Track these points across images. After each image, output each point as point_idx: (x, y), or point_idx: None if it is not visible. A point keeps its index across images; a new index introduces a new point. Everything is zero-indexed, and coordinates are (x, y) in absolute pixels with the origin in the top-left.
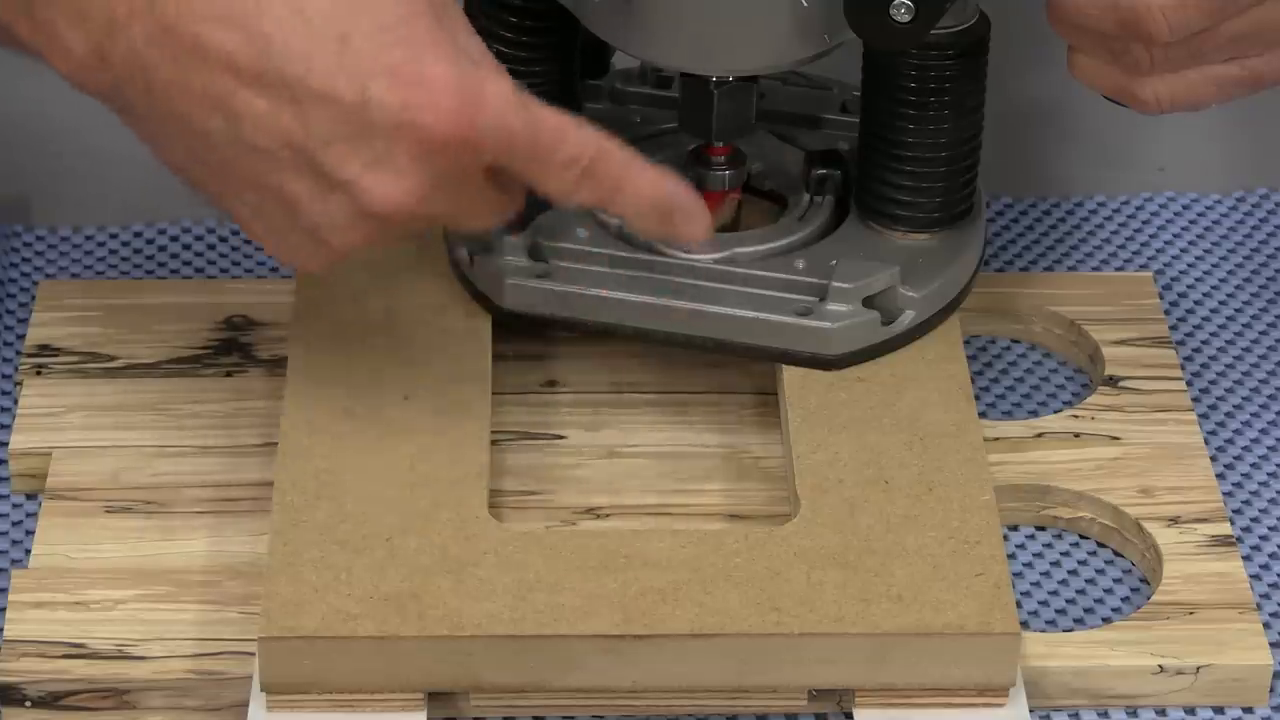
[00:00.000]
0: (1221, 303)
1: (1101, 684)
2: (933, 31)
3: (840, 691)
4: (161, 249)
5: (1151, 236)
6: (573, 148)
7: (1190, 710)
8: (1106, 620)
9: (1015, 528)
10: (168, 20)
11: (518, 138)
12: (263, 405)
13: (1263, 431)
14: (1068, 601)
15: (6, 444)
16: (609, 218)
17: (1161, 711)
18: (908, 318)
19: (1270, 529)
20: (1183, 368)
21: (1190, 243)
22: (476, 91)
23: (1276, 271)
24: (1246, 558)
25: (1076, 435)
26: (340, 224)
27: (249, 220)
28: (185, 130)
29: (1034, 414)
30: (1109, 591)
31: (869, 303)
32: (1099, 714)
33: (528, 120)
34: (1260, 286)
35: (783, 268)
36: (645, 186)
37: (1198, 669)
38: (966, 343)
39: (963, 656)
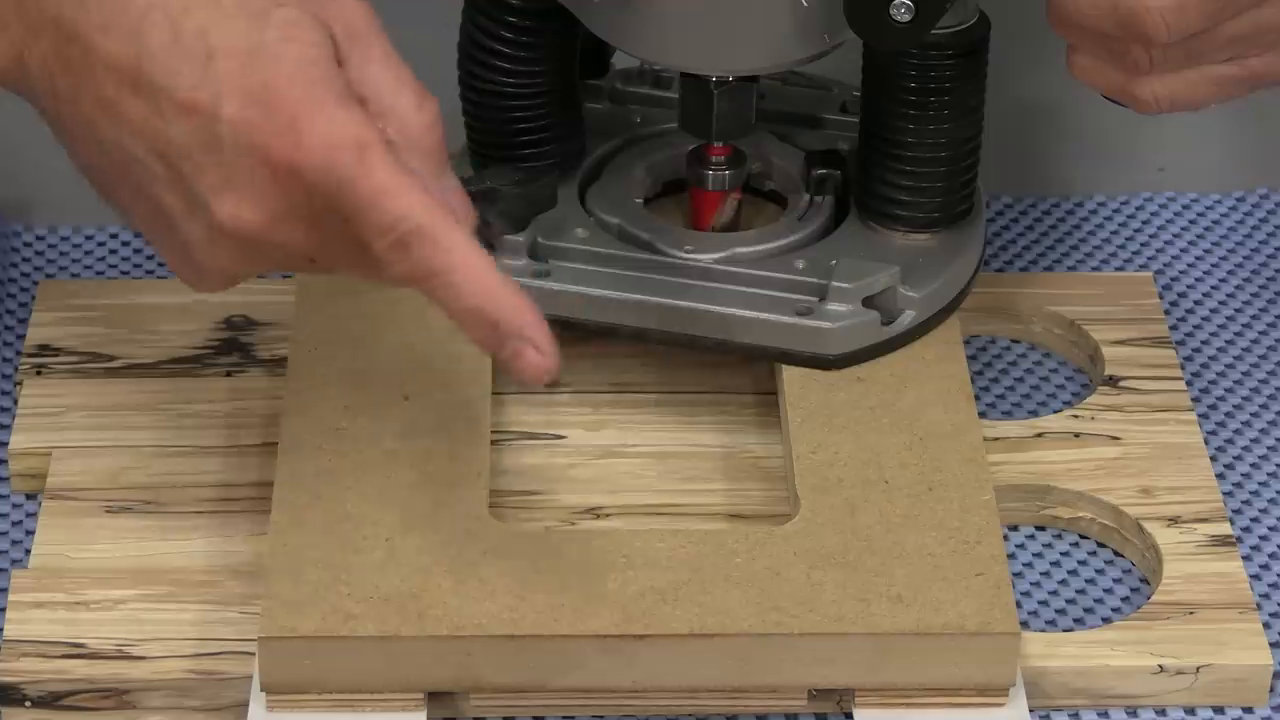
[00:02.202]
0: (1221, 303)
1: (1101, 684)
2: (933, 31)
3: (840, 691)
4: None
5: (1151, 236)
6: (390, 212)
7: (1190, 710)
8: (1106, 620)
9: (1015, 528)
10: (66, 29)
11: (339, 182)
12: (263, 405)
13: (1263, 431)
14: (1068, 601)
15: (6, 444)
16: (609, 218)
17: (1161, 711)
18: (908, 318)
19: (1270, 529)
20: (1183, 368)
21: (1190, 243)
22: (313, 122)
23: (1276, 271)
24: (1246, 558)
25: (1076, 435)
26: (202, 241)
27: (144, 228)
28: (84, 136)
29: (1034, 414)
30: (1109, 591)
31: (869, 303)
32: (1099, 714)
33: (357, 167)
34: (1260, 286)
35: (783, 268)
36: (471, 286)
37: (1198, 669)
38: (966, 343)
39: (963, 656)
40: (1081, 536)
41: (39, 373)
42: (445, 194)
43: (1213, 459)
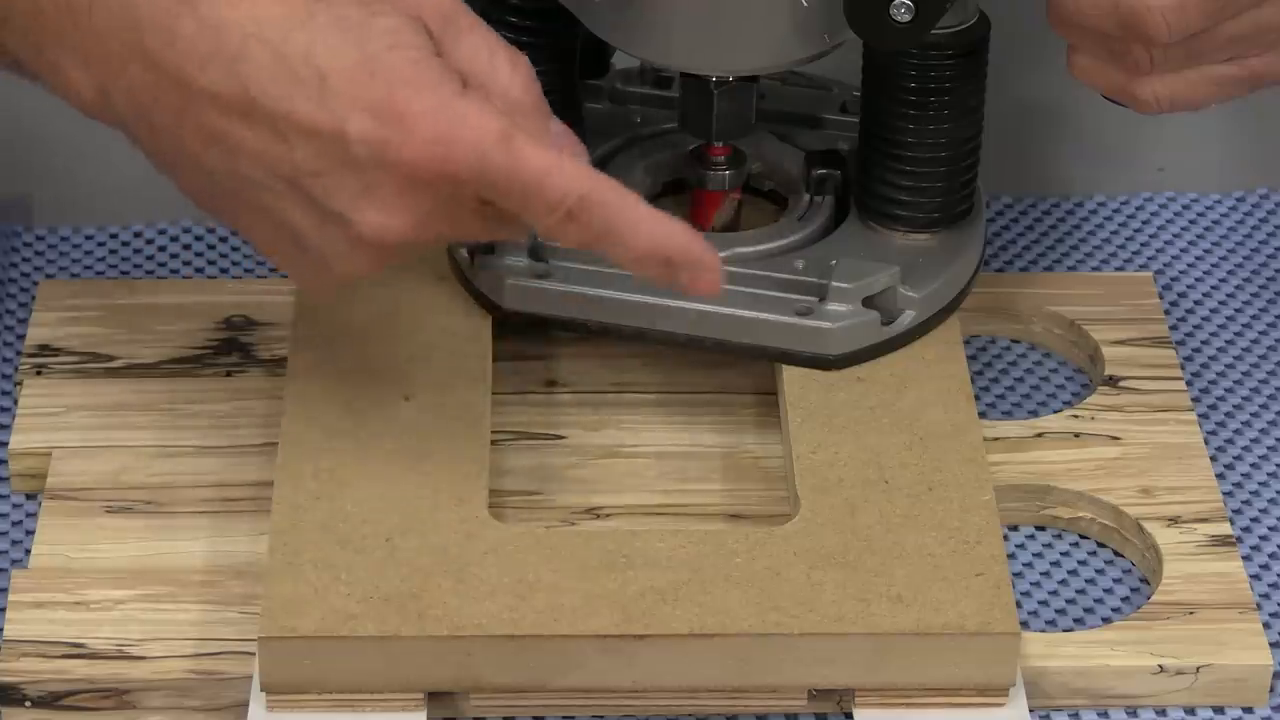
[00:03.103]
0: (1221, 303)
1: (1101, 684)
2: (933, 31)
3: (840, 691)
4: (161, 249)
5: (1151, 236)
6: (555, 190)
7: (1190, 710)
8: (1106, 620)
9: (1015, 528)
10: (157, 63)
11: (497, 175)
12: (263, 405)
13: (1263, 431)
14: (1068, 601)
15: (6, 444)
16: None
17: (1161, 711)
18: (908, 318)
19: (1270, 529)
20: (1183, 368)
21: (1190, 243)
22: (455, 127)
23: (1276, 271)
24: (1246, 558)
25: (1076, 435)
26: (341, 252)
27: (265, 246)
28: (190, 165)
29: (1034, 414)
30: (1109, 591)
31: (869, 303)
32: (1099, 714)
33: (508, 157)
34: (1260, 286)
35: (783, 268)
36: (641, 233)
37: (1198, 669)
38: (966, 343)
39: (963, 656)
40: (1081, 536)
41: (39, 373)
42: (560, 140)
43: (1213, 459)
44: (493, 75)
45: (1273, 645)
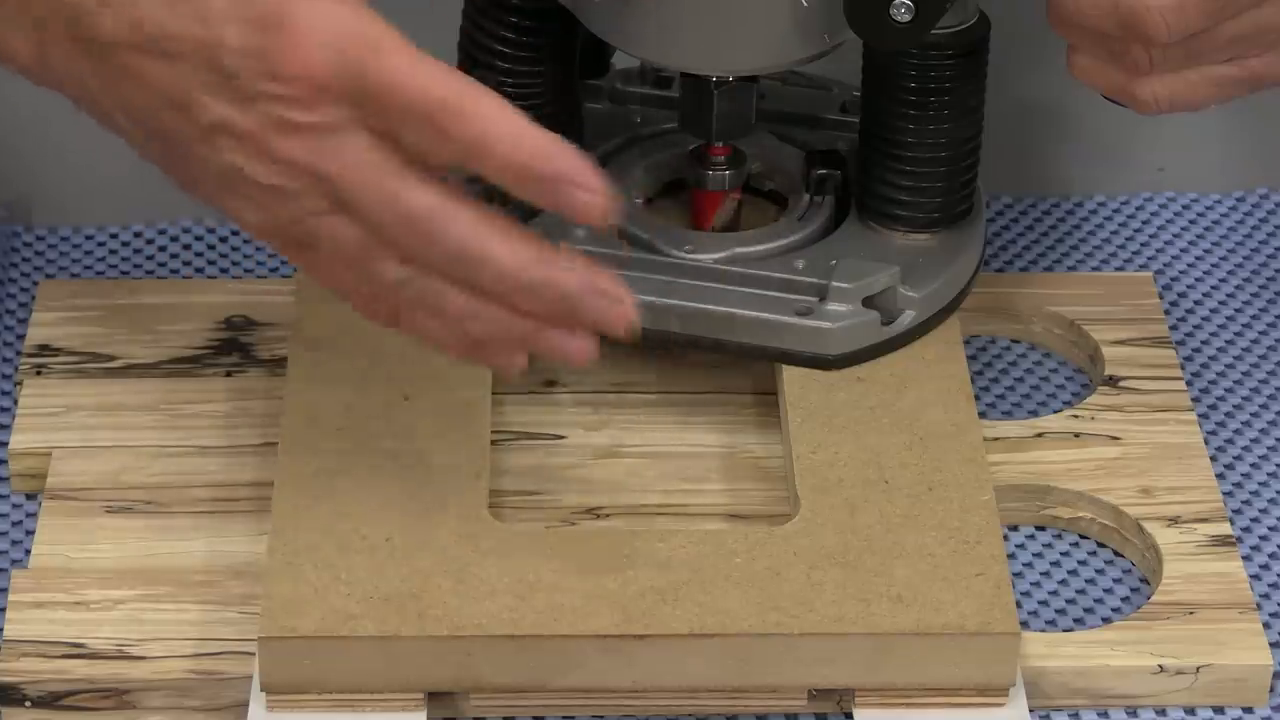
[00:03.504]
0: (1221, 303)
1: (1101, 684)
2: (933, 31)
3: (840, 691)
4: (161, 249)
5: (1151, 236)
6: (417, 93)
7: (1190, 710)
8: (1106, 620)
9: (1015, 528)
10: (61, 17)
11: (356, 74)
12: (263, 405)
13: (1263, 431)
14: (1068, 601)
15: (6, 444)
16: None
17: (1161, 711)
18: (908, 318)
19: (1270, 529)
20: (1183, 368)
21: (1190, 243)
22: (312, 24)
23: (1276, 271)
24: (1246, 558)
25: (1076, 435)
26: (271, 135)
27: (208, 183)
28: (121, 114)
29: (1034, 414)
30: (1109, 591)
31: (869, 303)
32: (1099, 714)
33: (371, 59)
34: (1260, 286)
35: (783, 268)
36: (507, 142)
37: (1198, 669)
38: (966, 343)
39: (963, 656)
40: (1081, 536)
41: (39, 373)
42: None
43: (1213, 459)
44: None
45: (1273, 645)
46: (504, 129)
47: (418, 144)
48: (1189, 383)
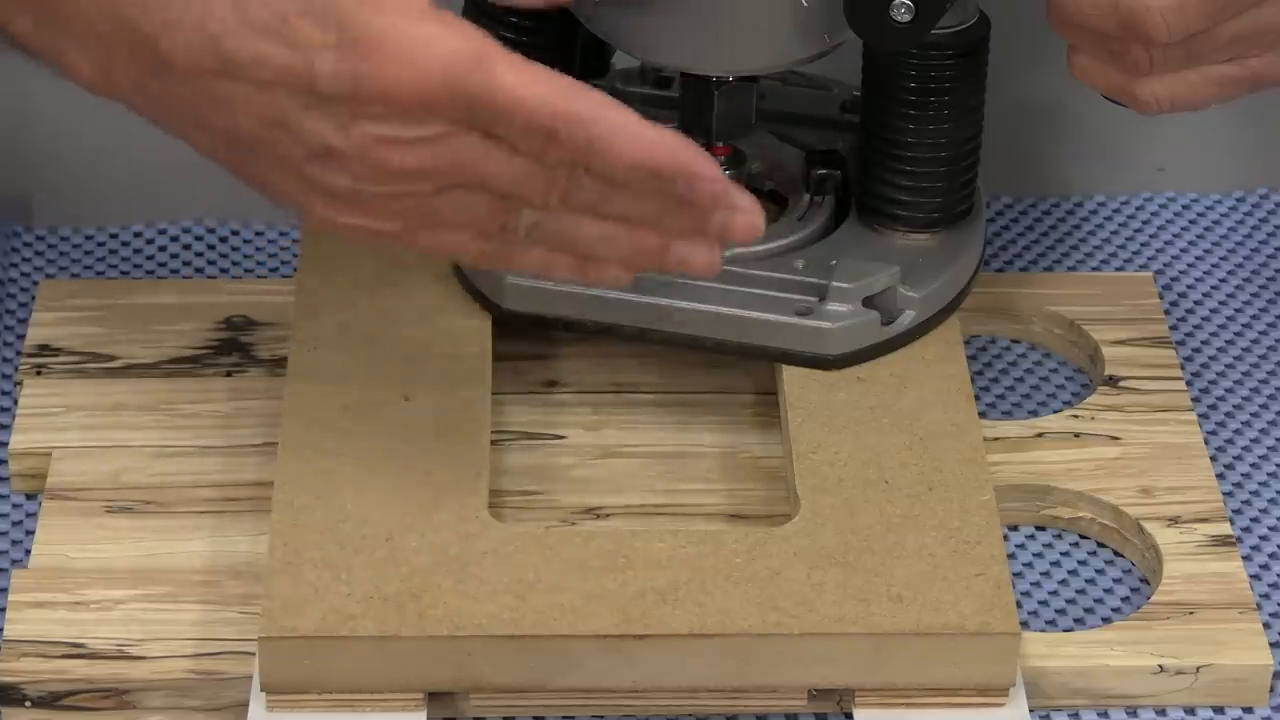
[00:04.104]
0: (1221, 303)
1: (1101, 684)
2: (933, 31)
3: (840, 691)
4: (161, 249)
5: (1151, 236)
6: (529, 105)
7: (1190, 710)
8: (1106, 620)
9: (1015, 528)
10: (133, 35)
11: (469, 95)
12: (263, 405)
13: (1263, 431)
14: (1068, 601)
15: (6, 444)
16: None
17: (1161, 711)
18: (908, 318)
19: (1270, 529)
20: (1183, 368)
21: (1190, 243)
22: (419, 52)
23: (1276, 271)
24: (1246, 558)
25: (1076, 435)
26: (345, 185)
27: (288, 194)
28: (195, 127)
29: (1034, 414)
30: (1109, 591)
31: (869, 303)
32: (1099, 714)
33: (482, 78)
34: (1260, 286)
35: (783, 268)
36: (625, 141)
37: (1198, 669)
38: (966, 343)
39: (962, 656)
40: (1081, 536)
41: (39, 373)
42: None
43: (1213, 459)
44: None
45: (1273, 645)
46: (622, 128)
47: (535, 151)
48: (1189, 383)
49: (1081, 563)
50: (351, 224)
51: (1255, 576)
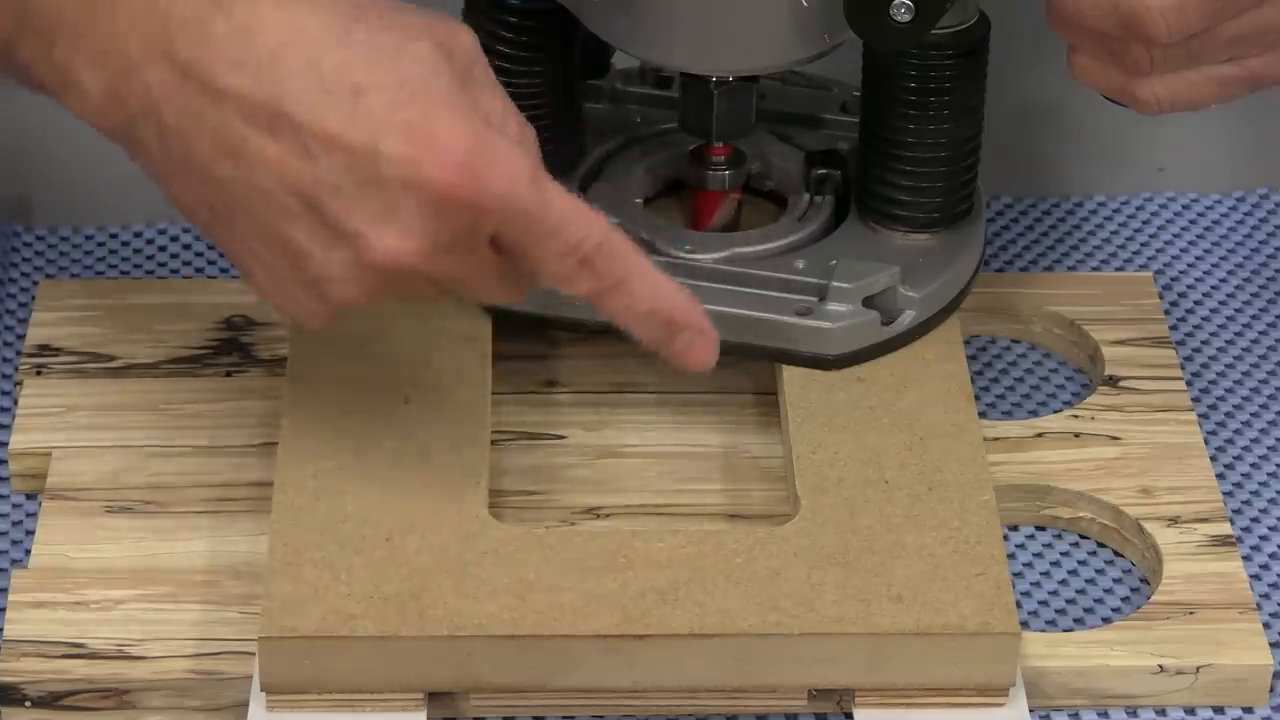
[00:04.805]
0: (1221, 303)
1: (1101, 684)
2: (933, 31)
3: (840, 691)
4: (161, 249)
5: (1151, 236)
6: (576, 233)
7: (1190, 710)
8: (1106, 620)
9: (1015, 528)
10: (183, 62)
11: (522, 210)
12: (263, 405)
13: (1263, 431)
14: (1068, 601)
15: (6, 444)
16: (609, 217)
17: (1161, 711)
18: (908, 318)
19: (1270, 529)
20: (1183, 368)
21: (1190, 243)
22: (488, 155)
23: (1276, 271)
24: (1246, 558)
25: (1076, 435)
26: (342, 276)
27: (252, 268)
28: (196, 173)
29: (1034, 414)
30: (1109, 591)
31: (869, 303)
32: (1099, 714)
33: (536, 195)
34: (1260, 286)
35: (783, 268)
36: (648, 294)
37: (1198, 669)
38: (966, 343)
39: (962, 656)
40: (1081, 536)
41: (39, 373)
42: None
43: (1213, 459)
44: (505, 129)
45: (1273, 645)
46: (655, 279)
47: (563, 273)
48: (1189, 383)
49: (1081, 563)
50: (310, 309)
51: (1255, 576)
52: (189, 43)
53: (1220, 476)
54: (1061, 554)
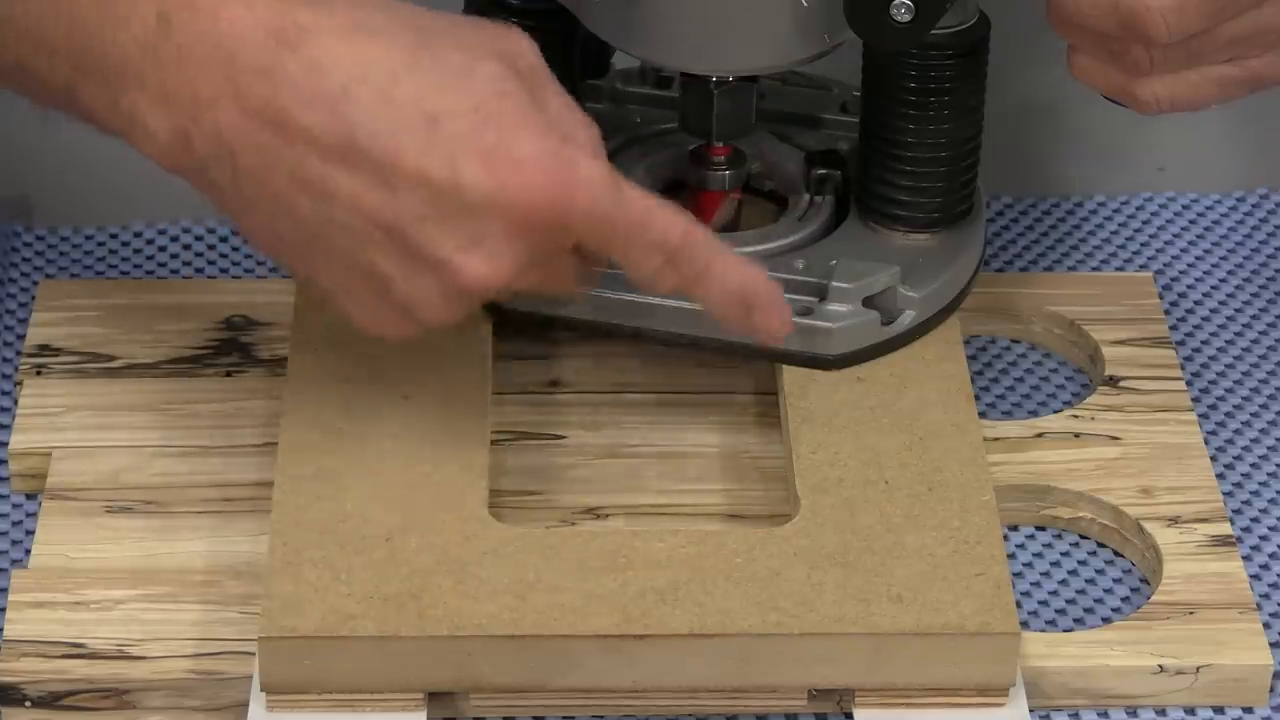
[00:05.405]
0: (1221, 303)
1: (1101, 684)
2: (933, 31)
3: (840, 691)
4: (161, 249)
5: (1151, 236)
6: (660, 231)
7: (1190, 710)
8: (1106, 620)
9: (1015, 528)
10: (253, 103)
11: (608, 219)
12: (263, 405)
13: (1263, 431)
14: (1068, 601)
15: (6, 444)
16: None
17: (1161, 711)
18: (908, 318)
19: (1270, 529)
20: (1183, 368)
21: (1190, 243)
22: (570, 173)
23: (1276, 271)
24: (1246, 558)
25: (1076, 435)
26: (431, 301)
27: (340, 295)
28: (273, 210)
29: (1034, 414)
30: (1109, 591)
31: (869, 303)
32: (1099, 714)
33: (618, 201)
34: (1260, 286)
35: (783, 268)
36: (730, 276)
37: (1198, 669)
38: (966, 343)
39: (962, 656)
40: (1081, 536)
41: (39, 373)
42: None
43: (1213, 459)
44: (576, 136)
45: (1273, 645)
46: (731, 262)
47: (649, 268)
48: (1189, 383)
49: (1081, 563)
50: (402, 330)
51: (1255, 576)
52: (258, 83)
53: (1220, 476)
54: (1061, 554)
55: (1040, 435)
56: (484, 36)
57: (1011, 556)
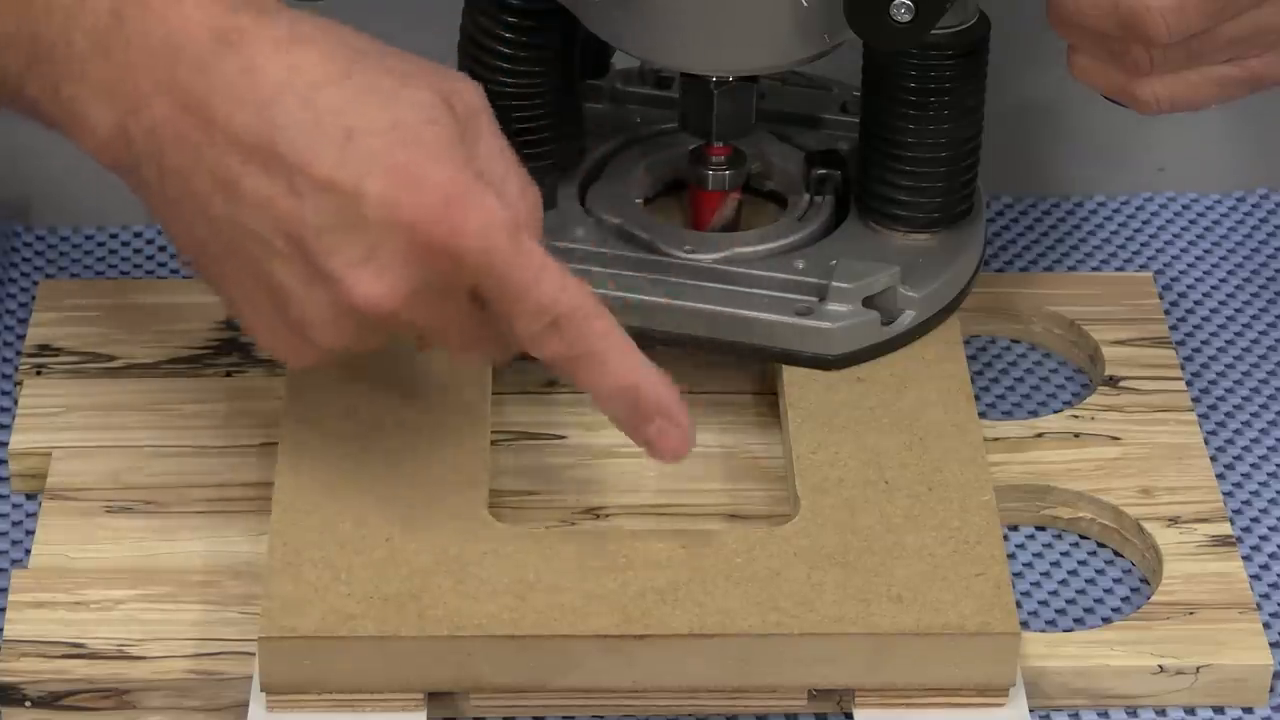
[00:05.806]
0: (1221, 303)
1: (1101, 684)
2: (933, 31)
3: (840, 691)
4: (161, 249)
5: (1151, 236)
6: (548, 293)
7: (1190, 710)
8: (1106, 620)
9: (1015, 528)
10: (186, 99)
11: (501, 264)
12: (263, 405)
13: (1263, 431)
14: (1068, 601)
15: (6, 444)
16: (609, 218)
17: (1161, 711)
18: (908, 318)
19: (1270, 529)
20: (1183, 368)
21: (1190, 243)
22: (471, 206)
23: (1276, 271)
24: (1246, 558)
25: (1076, 435)
26: (323, 318)
27: (242, 308)
28: (191, 211)
29: (1034, 414)
30: (1109, 591)
31: (869, 303)
32: (1099, 714)
33: (515, 250)
34: (1260, 286)
35: (783, 268)
36: (623, 373)
37: (1198, 669)
38: (966, 343)
39: (962, 656)
40: (1081, 536)
41: (39, 373)
42: None
43: (1213, 459)
44: (503, 186)
45: (1273, 645)
46: (624, 350)
47: (532, 333)
48: (1189, 383)
49: (1081, 563)
50: (296, 351)
51: (1255, 576)
52: (195, 80)
53: (1220, 476)
54: (1061, 554)
55: (1040, 435)
56: (427, 71)
57: (1011, 556)
